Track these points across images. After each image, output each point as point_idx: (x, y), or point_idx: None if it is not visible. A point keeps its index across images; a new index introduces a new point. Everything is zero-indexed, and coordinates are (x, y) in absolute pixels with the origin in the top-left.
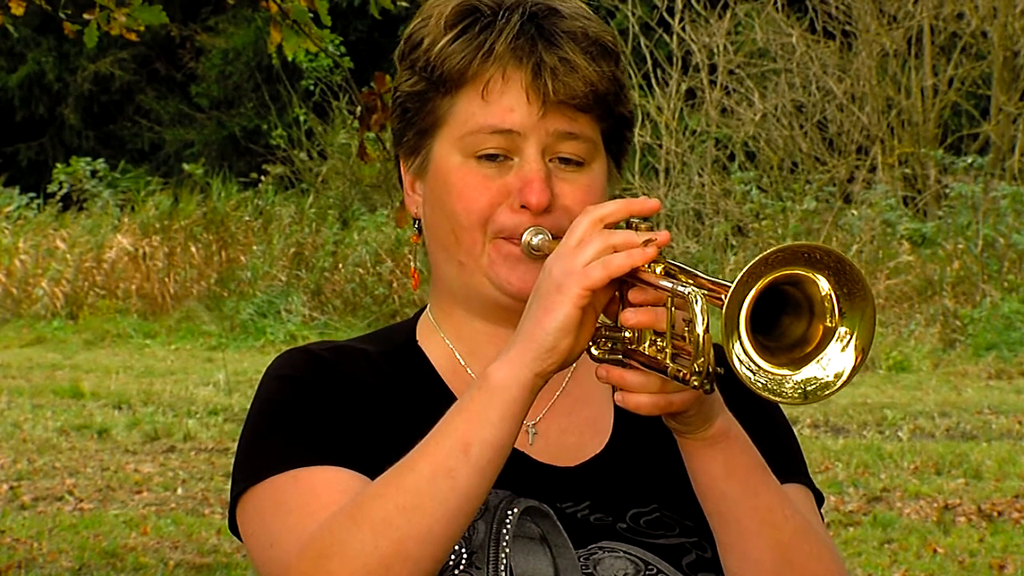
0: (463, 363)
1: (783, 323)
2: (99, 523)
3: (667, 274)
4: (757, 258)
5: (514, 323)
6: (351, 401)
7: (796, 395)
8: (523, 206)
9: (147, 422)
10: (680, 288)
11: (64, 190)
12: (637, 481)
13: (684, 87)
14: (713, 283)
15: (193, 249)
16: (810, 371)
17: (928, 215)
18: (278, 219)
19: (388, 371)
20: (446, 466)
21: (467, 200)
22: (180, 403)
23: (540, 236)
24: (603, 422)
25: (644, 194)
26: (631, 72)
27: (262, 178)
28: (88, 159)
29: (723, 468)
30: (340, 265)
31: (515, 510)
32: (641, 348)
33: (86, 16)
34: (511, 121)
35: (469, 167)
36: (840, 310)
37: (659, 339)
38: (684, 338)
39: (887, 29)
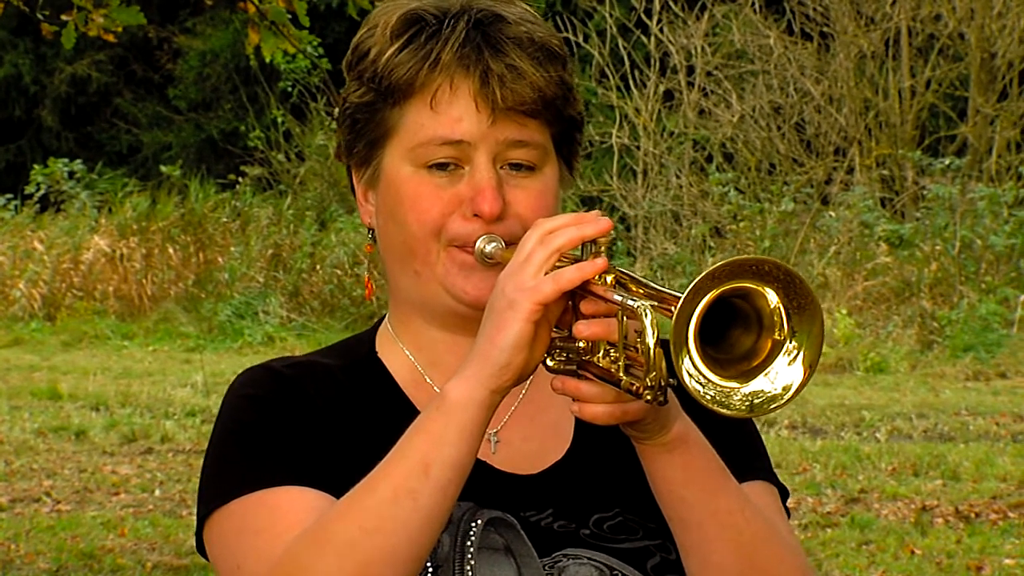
0: (423, 374)
1: (732, 336)
2: (77, 525)
3: (618, 284)
4: (704, 272)
5: (472, 331)
6: (314, 419)
7: (743, 407)
8: (476, 214)
9: (125, 424)
10: (630, 301)
11: (41, 192)
12: (599, 486)
13: (662, 88)
14: (663, 293)
15: (171, 250)
16: (758, 384)
17: (906, 217)
18: (256, 221)
19: (349, 386)
20: (407, 487)
21: (419, 210)
22: (158, 405)
23: (493, 244)
24: (564, 428)
25: (622, 196)
26: (609, 73)
27: (240, 180)
28: (65, 160)
29: (682, 473)
30: (318, 266)
31: (479, 522)
32: (595, 359)
33: (64, 17)
34: (460, 131)
35: (420, 177)
36: (789, 324)
37: (612, 350)
38: (636, 349)
39: (864, 31)
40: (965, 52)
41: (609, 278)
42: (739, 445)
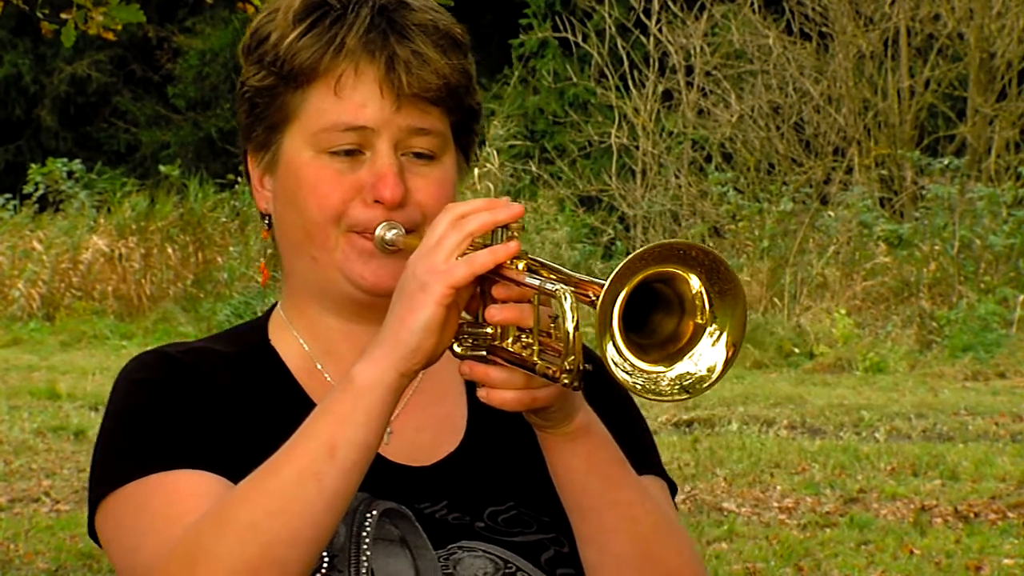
0: (316, 362)
1: (653, 320)
2: (76, 524)
3: (529, 270)
4: (629, 257)
5: (368, 319)
6: (208, 404)
7: (676, 391)
8: (376, 201)
9: None
10: (548, 285)
11: (40, 191)
12: (493, 479)
13: (661, 88)
14: (575, 278)
15: (170, 250)
16: (684, 367)
17: (905, 216)
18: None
19: (243, 372)
20: (312, 469)
21: (320, 196)
22: None
23: (394, 231)
24: (457, 419)
25: (621, 196)
26: (608, 73)
27: (239, 179)
28: (64, 160)
29: (584, 463)
30: None
31: (374, 512)
32: (505, 344)
33: (63, 15)
34: (364, 117)
35: (321, 162)
36: (711, 308)
37: (524, 335)
38: (550, 335)
39: (863, 31)
40: (964, 52)
41: (520, 264)
42: (632, 439)
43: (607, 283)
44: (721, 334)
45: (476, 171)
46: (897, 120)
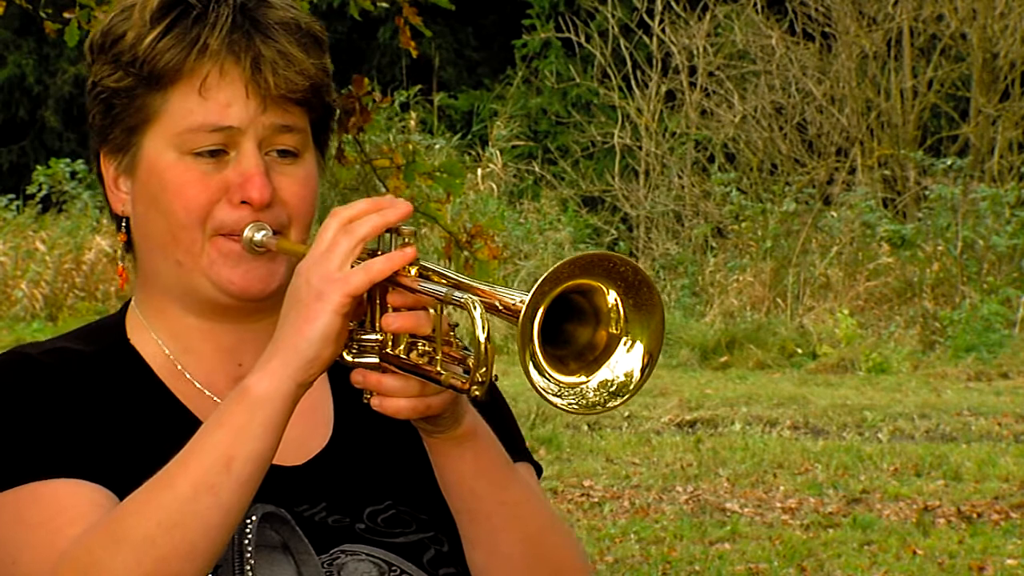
0: (176, 362)
1: (567, 331)
2: None
3: (421, 275)
4: (551, 269)
5: (230, 318)
6: (76, 409)
7: (604, 397)
8: (244, 201)
9: None
10: (457, 294)
11: (44, 192)
12: (368, 477)
13: (664, 89)
14: (468, 284)
15: None
16: (603, 374)
17: (908, 217)
18: None
19: (104, 374)
20: (208, 482)
21: (186, 198)
22: None
23: (263, 232)
24: (324, 414)
25: (624, 196)
26: (611, 73)
27: None
28: (68, 161)
29: (472, 465)
30: None
31: (253, 518)
32: (397, 352)
33: (67, 15)
34: (230, 117)
35: (185, 164)
36: (625, 320)
37: (422, 343)
38: (450, 343)
39: (866, 31)
40: (967, 52)
41: (413, 270)
42: (503, 429)
43: (529, 295)
44: (635, 343)
45: (479, 171)
46: (900, 120)
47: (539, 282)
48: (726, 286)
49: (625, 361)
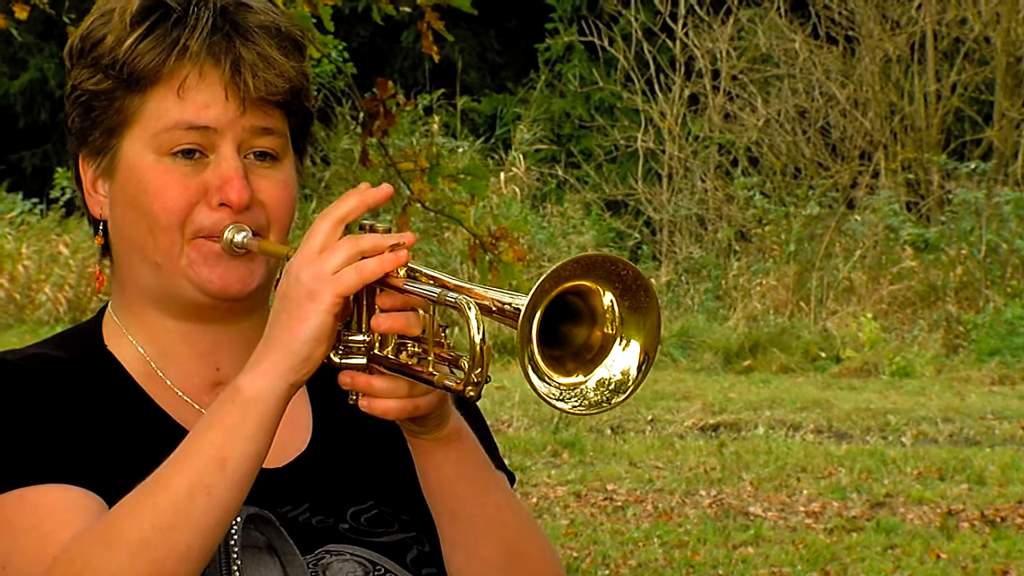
0: (154, 366)
1: (563, 331)
2: None
3: (410, 277)
4: (550, 270)
5: (208, 320)
6: (59, 414)
7: (607, 395)
8: (223, 203)
9: None
10: (450, 295)
11: (67, 196)
12: (350, 477)
13: (687, 92)
14: (455, 284)
15: None
16: (601, 373)
17: (931, 221)
18: None
19: (83, 380)
20: (203, 483)
21: (165, 199)
22: None
23: (243, 233)
24: (302, 415)
25: (647, 200)
26: (634, 77)
27: None
28: None
29: (455, 467)
30: None
31: (238, 519)
32: (385, 353)
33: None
34: (207, 117)
35: (164, 165)
36: (621, 321)
37: (411, 344)
38: (441, 344)
39: (890, 34)
40: (991, 56)
41: (402, 271)
42: (479, 437)
43: (528, 298)
44: (630, 342)
45: (502, 175)
46: (924, 124)
47: (540, 280)
48: (749, 290)
49: (622, 359)
